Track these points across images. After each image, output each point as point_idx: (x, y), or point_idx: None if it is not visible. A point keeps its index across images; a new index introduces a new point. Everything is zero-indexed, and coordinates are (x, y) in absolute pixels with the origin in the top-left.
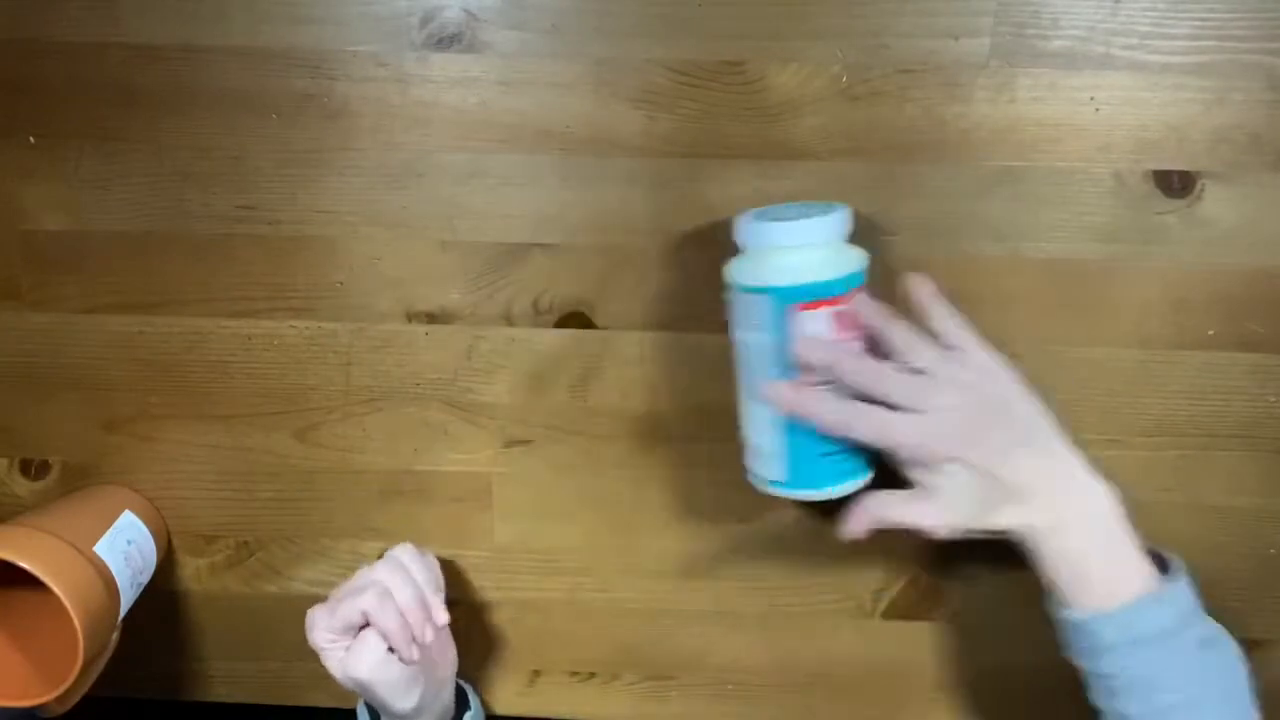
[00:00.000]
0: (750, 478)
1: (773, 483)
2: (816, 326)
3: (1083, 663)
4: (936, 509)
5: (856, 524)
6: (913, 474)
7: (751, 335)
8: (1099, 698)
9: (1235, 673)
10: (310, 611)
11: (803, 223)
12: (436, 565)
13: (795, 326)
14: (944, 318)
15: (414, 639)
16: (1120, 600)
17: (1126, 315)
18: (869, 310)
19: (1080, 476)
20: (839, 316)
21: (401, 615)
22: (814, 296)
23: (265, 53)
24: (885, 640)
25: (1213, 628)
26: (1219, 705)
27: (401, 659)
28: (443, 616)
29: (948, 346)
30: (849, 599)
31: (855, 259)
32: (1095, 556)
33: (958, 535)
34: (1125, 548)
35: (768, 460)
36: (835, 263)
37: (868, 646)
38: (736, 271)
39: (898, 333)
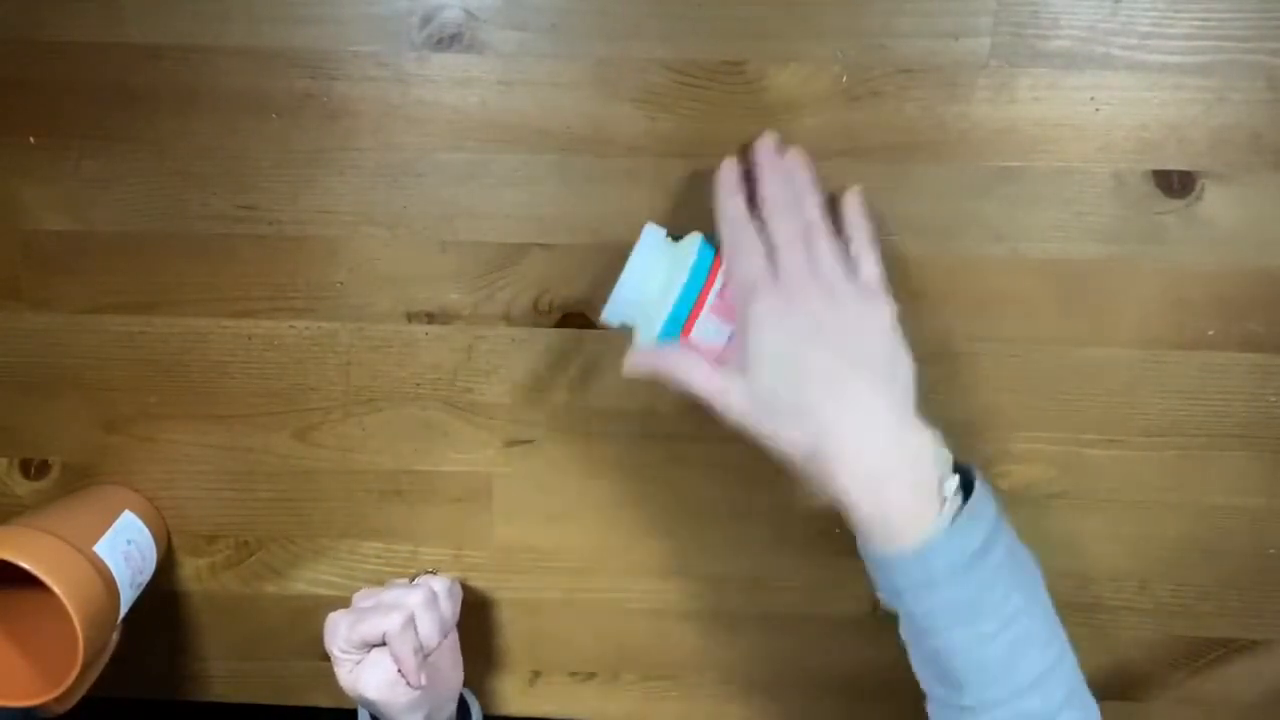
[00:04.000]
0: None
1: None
2: (707, 328)
3: (907, 602)
4: (732, 383)
5: (641, 361)
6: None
7: None
8: (922, 638)
9: (1035, 567)
10: (332, 617)
11: (626, 268)
12: (460, 598)
13: (696, 339)
14: (865, 250)
15: (422, 669)
16: (943, 524)
17: (1126, 315)
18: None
19: (903, 436)
20: (719, 297)
21: (419, 646)
22: (685, 314)
23: (265, 53)
24: (885, 640)
25: (1008, 528)
26: (1034, 608)
27: (409, 684)
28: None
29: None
30: (849, 599)
31: (688, 249)
32: (908, 493)
33: (746, 426)
34: (932, 475)
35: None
36: (674, 273)
37: (868, 646)
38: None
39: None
